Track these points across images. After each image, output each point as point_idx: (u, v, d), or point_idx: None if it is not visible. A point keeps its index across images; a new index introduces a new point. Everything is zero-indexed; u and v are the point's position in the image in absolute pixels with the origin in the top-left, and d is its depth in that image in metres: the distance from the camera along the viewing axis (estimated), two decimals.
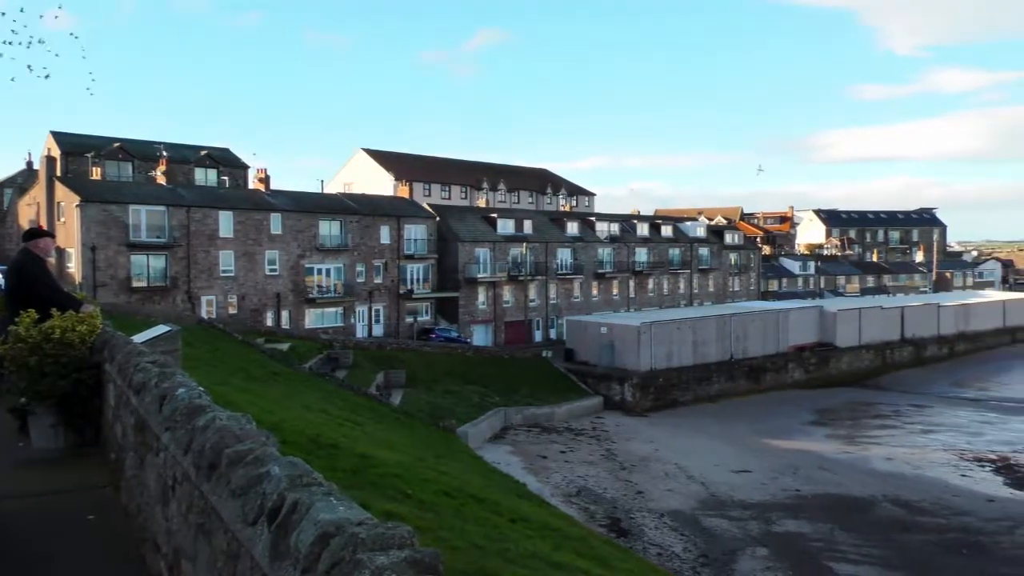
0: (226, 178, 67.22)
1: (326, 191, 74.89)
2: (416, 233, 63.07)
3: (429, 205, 68.70)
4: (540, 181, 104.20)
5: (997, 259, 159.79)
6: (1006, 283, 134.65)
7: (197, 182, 63.00)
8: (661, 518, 30.56)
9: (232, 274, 52.67)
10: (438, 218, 65.28)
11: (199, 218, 51.55)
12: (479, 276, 64.96)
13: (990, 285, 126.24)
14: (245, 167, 71.46)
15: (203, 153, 68.09)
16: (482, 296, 65.83)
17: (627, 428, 47.01)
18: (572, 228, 74.32)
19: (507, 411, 45.55)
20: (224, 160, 70.00)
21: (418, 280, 62.76)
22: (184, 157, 65.64)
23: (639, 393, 52.73)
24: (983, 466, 40.99)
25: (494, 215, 70.37)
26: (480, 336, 65.26)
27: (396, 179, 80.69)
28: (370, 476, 13.67)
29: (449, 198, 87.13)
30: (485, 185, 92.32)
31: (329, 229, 58.10)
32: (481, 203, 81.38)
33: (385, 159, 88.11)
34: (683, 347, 57.22)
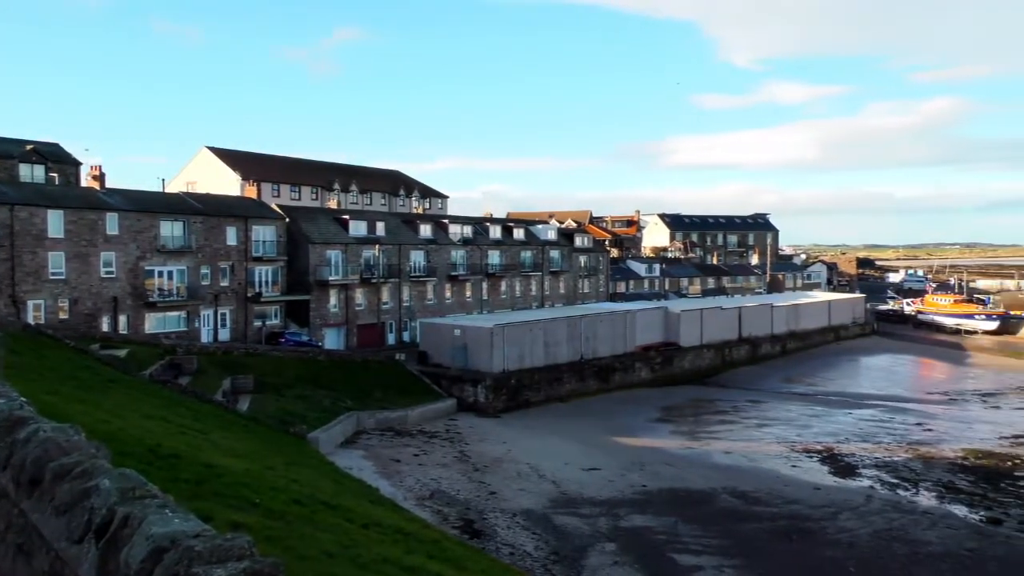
0: (55, 175, 62.89)
1: (168, 190, 71.51)
2: (265, 235, 61.24)
3: (278, 206, 66.85)
4: (393, 183, 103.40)
5: (823, 262, 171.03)
6: (831, 284, 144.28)
7: (22, 179, 58.69)
8: (514, 518, 30.93)
9: (63, 277, 49.44)
10: (288, 219, 63.64)
11: (24, 217, 48.09)
12: (331, 279, 63.77)
13: (817, 286, 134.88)
14: (77, 164, 67.11)
15: (29, 148, 63.42)
16: (334, 299, 64.65)
17: (481, 429, 47.32)
18: (425, 230, 74.16)
19: (360, 415, 44.93)
20: (53, 156, 65.50)
21: (267, 283, 60.91)
22: (7, 152, 61.00)
23: (492, 394, 53.17)
24: (811, 456, 43.76)
25: (346, 217, 69.25)
26: (332, 339, 64.07)
27: (243, 179, 78.05)
28: (215, 486, 13.18)
29: (299, 199, 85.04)
30: (337, 186, 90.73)
31: (171, 230, 55.52)
32: (333, 204, 79.89)
33: (232, 158, 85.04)
34: (535, 348, 58.16)
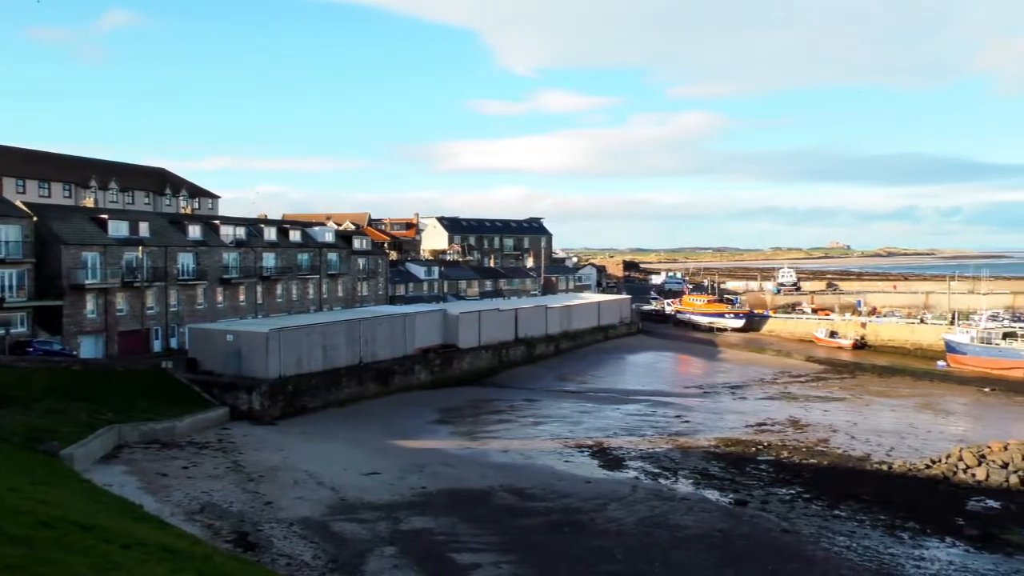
0: None
1: None
2: (8, 234, 55.67)
3: (24, 203, 61.02)
4: (158, 181, 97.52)
5: (593, 265, 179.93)
6: (600, 286, 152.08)
7: None
8: (291, 527, 30.09)
9: None
10: (36, 218, 58.23)
11: None
12: (87, 282, 59.03)
13: (588, 288, 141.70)
14: None
15: None
16: (91, 304, 59.89)
17: (256, 438, 45.63)
18: (195, 231, 70.48)
19: (122, 428, 41.93)
20: None
21: (11, 287, 55.38)
22: None
23: (268, 401, 51.44)
24: (582, 451, 45.88)
25: (105, 216, 64.42)
26: (89, 348, 59.33)
27: None
28: None
29: (49, 196, 78.24)
30: (94, 183, 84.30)
31: None
32: (89, 203, 74.07)
33: None
34: (313, 353, 56.90)
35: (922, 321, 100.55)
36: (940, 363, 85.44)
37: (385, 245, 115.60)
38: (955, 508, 36.18)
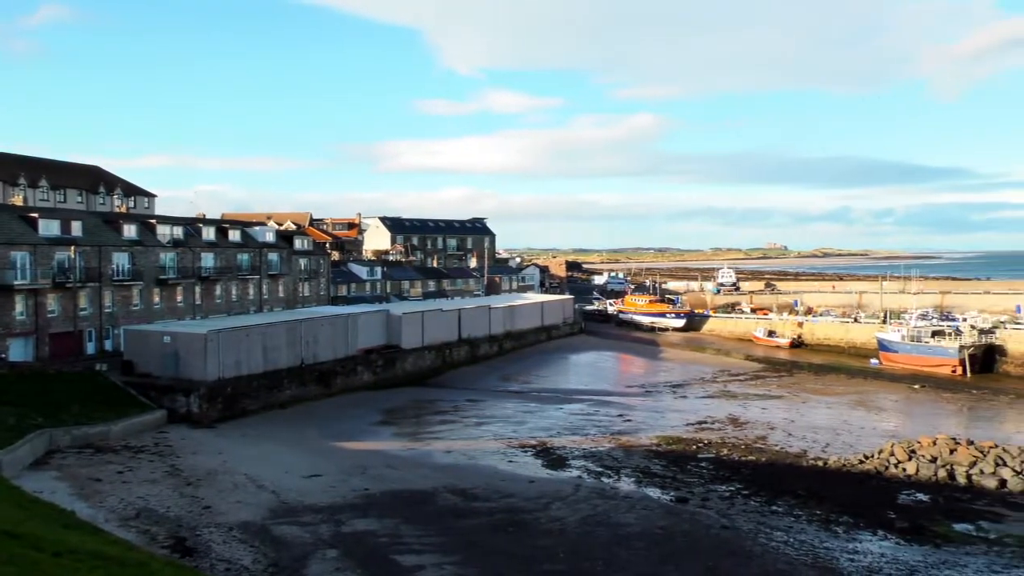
0: None
1: None
2: None
3: None
4: (92, 179, 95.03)
5: (536, 265, 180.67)
6: (543, 286, 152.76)
7: None
8: (230, 531, 29.62)
9: None
10: None
11: None
12: (16, 283, 57.21)
13: (531, 288, 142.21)
14: None
15: None
16: (20, 306, 58.06)
17: (194, 441, 44.81)
18: (130, 231, 68.83)
19: (53, 432, 40.82)
20: None
21: None
22: None
23: (207, 404, 50.53)
24: (526, 451, 46.03)
25: (35, 215, 62.54)
26: (18, 351, 57.49)
27: None
28: None
29: None
30: (23, 181, 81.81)
31: None
32: (18, 201, 71.82)
33: None
34: (253, 354, 56.07)
35: (856, 320, 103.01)
36: (873, 361, 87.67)
37: (327, 245, 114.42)
38: (887, 502, 37.18)
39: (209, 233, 78.46)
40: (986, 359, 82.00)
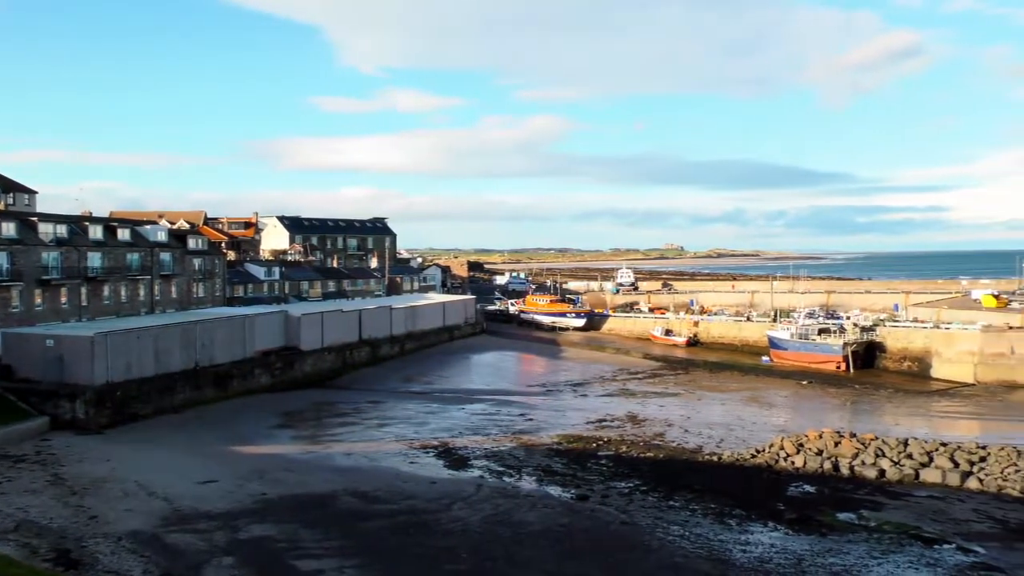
0: None
1: None
2: None
3: None
4: None
5: (438, 265, 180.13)
6: (445, 287, 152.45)
7: None
8: (119, 541, 28.54)
9: None
10: None
11: None
12: None
13: (433, 288, 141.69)
14: None
15: None
16: None
17: (80, 448, 42.96)
18: (9, 229, 65.43)
19: None
20: None
21: None
22: None
23: (94, 409, 48.53)
24: (428, 452, 45.86)
25: None
26: None
27: None
28: None
29: None
30: None
31: None
32: None
33: None
34: (144, 357, 54.15)
35: (748, 319, 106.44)
36: (764, 358, 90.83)
37: (223, 245, 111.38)
38: (777, 494, 38.59)
39: (97, 232, 75.31)
40: (867, 355, 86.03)
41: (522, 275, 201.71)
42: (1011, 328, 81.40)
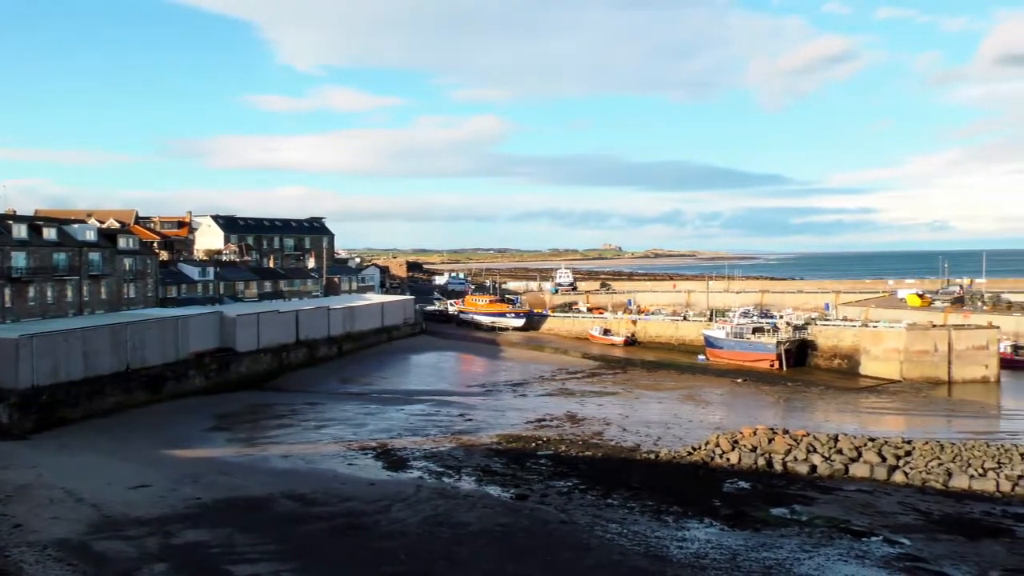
0: None
1: None
2: None
3: None
4: None
5: (377, 265, 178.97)
6: (384, 287, 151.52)
7: None
8: (44, 551, 27.68)
9: None
10: None
11: None
12: None
13: (371, 289, 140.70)
14: None
15: None
16: None
17: (4, 454, 41.56)
18: None
19: None
20: None
21: None
22: None
23: (18, 413, 47.04)
24: (366, 454, 45.51)
25: None
26: None
27: None
28: None
29: None
30: None
31: None
32: None
33: None
34: (72, 360, 52.66)
35: (685, 318, 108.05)
36: (700, 357, 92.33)
37: (155, 245, 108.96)
38: (712, 491, 39.23)
39: (21, 231, 72.99)
40: (799, 353, 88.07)
41: (461, 275, 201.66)
42: (934, 326, 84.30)
